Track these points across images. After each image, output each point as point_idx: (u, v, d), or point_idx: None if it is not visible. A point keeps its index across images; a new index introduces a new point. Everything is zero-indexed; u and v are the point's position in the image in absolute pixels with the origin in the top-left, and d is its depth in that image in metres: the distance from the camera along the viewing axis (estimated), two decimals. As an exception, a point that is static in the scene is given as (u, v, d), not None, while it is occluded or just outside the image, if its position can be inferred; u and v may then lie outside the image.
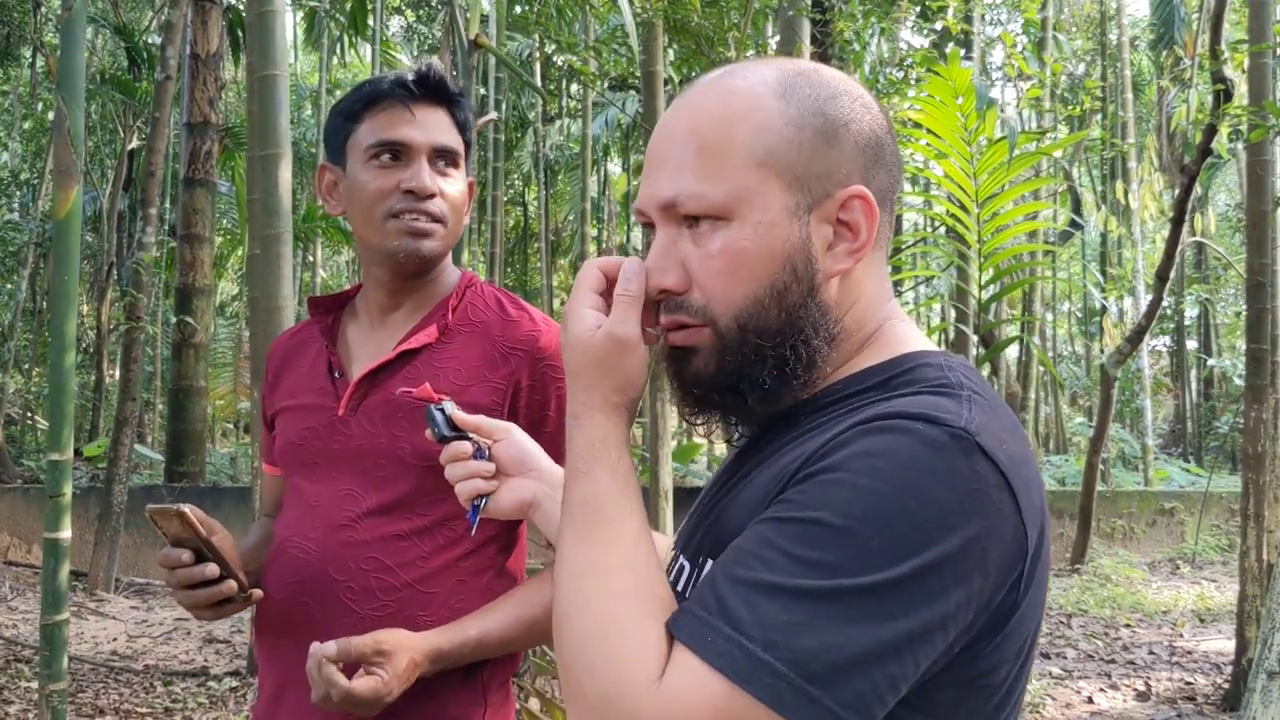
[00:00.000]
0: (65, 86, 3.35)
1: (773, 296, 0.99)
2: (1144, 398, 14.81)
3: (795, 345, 1.00)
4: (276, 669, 1.68)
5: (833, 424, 0.95)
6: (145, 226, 8.62)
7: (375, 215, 1.66)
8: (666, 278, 1.01)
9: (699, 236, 1.00)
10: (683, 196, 0.99)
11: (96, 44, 16.64)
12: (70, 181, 3.30)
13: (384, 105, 1.67)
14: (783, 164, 0.99)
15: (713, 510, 1.09)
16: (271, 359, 1.87)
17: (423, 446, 1.62)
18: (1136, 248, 13.44)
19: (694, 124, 1.01)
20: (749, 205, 0.98)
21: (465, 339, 1.71)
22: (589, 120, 13.05)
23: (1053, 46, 15.40)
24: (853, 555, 0.85)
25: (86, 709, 5.82)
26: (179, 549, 1.54)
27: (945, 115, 4.34)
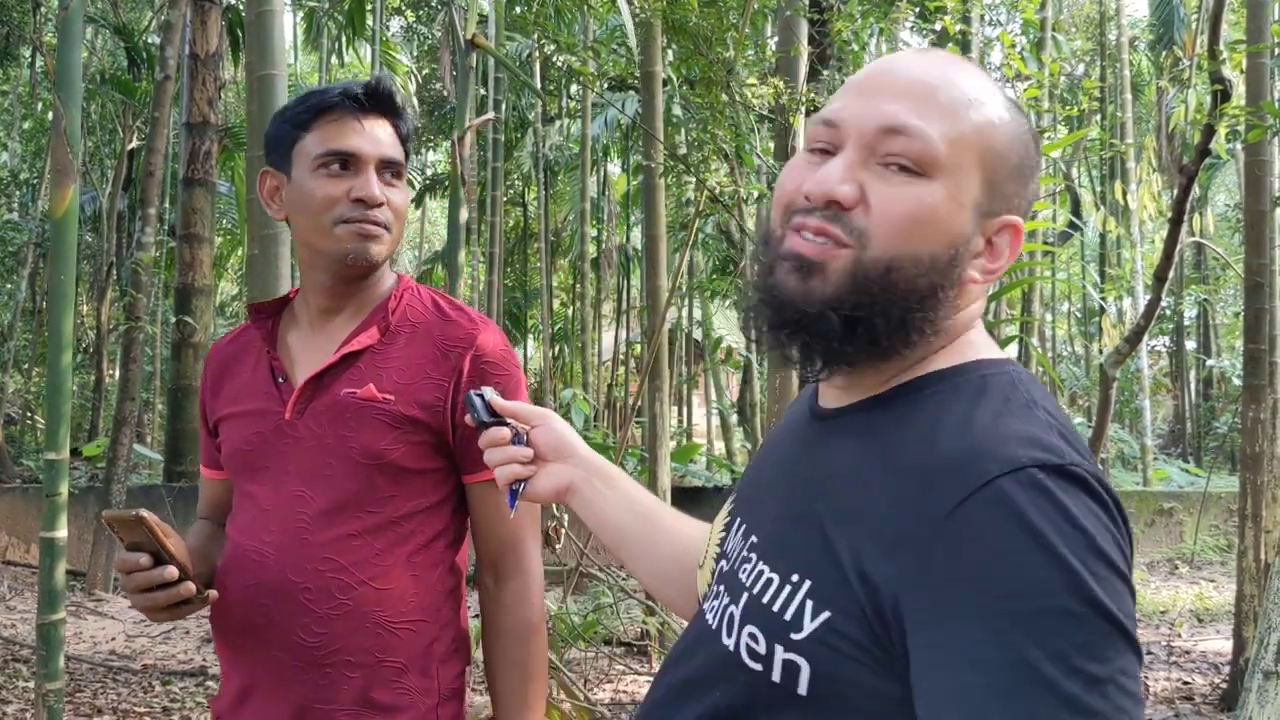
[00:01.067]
0: (62, 86, 3.35)
1: (924, 262, 1.00)
2: (1143, 398, 14.81)
3: (913, 314, 1.01)
4: (239, 670, 1.72)
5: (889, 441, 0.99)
6: (144, 226, 8.62)
7: (324, 221, 1.70)
8: (844, 189, 1.01)
9: (891, 177, 1.01)
10: (914, 130, 1.00)
11: (96, 44, 16.64)
12: (67, 181, 3.30)
13: (333, 115, 1.71)
14: (991, 165, 1.03)
15: (768, 471, 1.16)
16: (209, 366, 1.89)
17: (371, 446, 1.68)
18: (1135, 248, 13.44)
19: (943, 84, 1.03)
20: (953, 178, 1.01)
21: (406, 339, 1.75)
22: (588, 120, 13.04)
23: (1051, 47, 15.41)
24: None
25: (85, 708, 5.82)
26: (137, 553, 1.57)
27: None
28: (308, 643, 1.65)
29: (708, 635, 1.08)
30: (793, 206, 1.04)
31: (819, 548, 0.97)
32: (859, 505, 0.96)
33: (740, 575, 1.06)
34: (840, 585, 0.93)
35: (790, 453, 1.14)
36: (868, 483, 0.97)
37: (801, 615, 0.95)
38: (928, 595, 0.87)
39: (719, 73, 5.77)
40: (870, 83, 1.05)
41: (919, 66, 1.05)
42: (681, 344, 19.38)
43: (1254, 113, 6.11)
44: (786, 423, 1.23)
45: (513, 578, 1.79)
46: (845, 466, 1.02)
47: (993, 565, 0.85)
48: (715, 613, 1.08)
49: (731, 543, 1.13)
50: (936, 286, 1.01)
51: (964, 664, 0.84)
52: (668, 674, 1.14)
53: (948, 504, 0.88)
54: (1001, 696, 0.82)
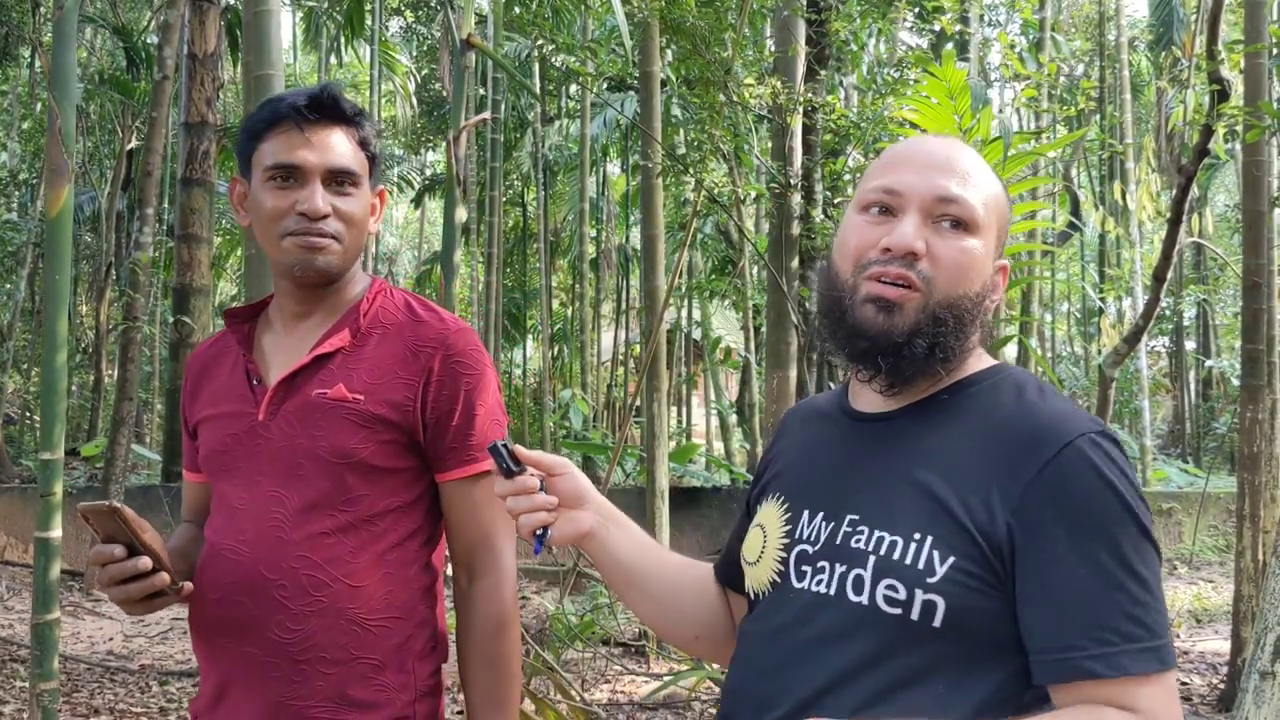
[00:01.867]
0: (57, 86, 3.34)
1: (972, 299, 1.34)
2: (1142, 398, 14.81)
3: (967, 336, 1.34)
4: (216, 668, 1.74)
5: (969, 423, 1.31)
6: (143, 226, 8.62)
7: (273, 233, 1.74)
8: (919, 243, 1.31)
9: (945, 233, 1.32)
10: (963, 199, 1.33)
11: (95, 44, 16.64)
12: (62, 181, 3.29)
13: (281, 127, 1.73)
14: (1001, 223, 1.39)
15: (830, 466, 1.39)
16: (190, 370, 1.92)
17: (341, 445, 1.71)
18: (1134, 248, 13.44)
19: (971, 165, 1.37)
20: (986, 234, 1.35)
21: (378, 341, 1.77)
22: (587, 120, 13.04)
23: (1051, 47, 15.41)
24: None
25: (82, 708, 5.82)
26: (111, 544, 1.59)
27: (940, 115, 4.34)
28: (283, 639, 1.67)
29: (825, 600, 1.30)
30: (865, 259, 1.34)
31: (931, 509, 1.25)
32: (963, 469, 1.26)
33: (853, 545, 1.29)
34: (959, 532, 1.23)
35: (848, 450, 1.39)
36: (965, 453, 1.27)
37: (932, 562, 1.22)
38: (1036, 526, 1.21)
39: (716, 73, 5.78)
40: (916, 160, 1.37)
41: (953, 150, 1.38)
42: (680, 344, 19.38)
43: (1252, 113, 6.12)
44: (815, 431, 1.48)
45: (485, 575, 1.80)
46: (937, 445, 1.30)
47: (1080, 502, 1.21)
48: (825, 583, 1.30)
49: (810, 530, 1.35)
50: (978, 314, 1.34)
51: (1069, 568, 1.19)
52: (776, 642, 1.33)
53: (1040, 462, 1.22)
54: (1095, 586, 1.19)
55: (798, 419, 1.57)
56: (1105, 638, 1.17)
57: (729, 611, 1.59)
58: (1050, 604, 1.19)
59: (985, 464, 1.25)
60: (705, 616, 1.58)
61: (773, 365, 6.42)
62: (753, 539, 1.44)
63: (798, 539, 1.36)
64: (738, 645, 1.43)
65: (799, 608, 1.32)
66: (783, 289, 6.32)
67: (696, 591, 1.58)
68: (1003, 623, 1.22)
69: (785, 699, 1.28)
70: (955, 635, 1.22)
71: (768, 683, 1.31)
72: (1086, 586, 1.18)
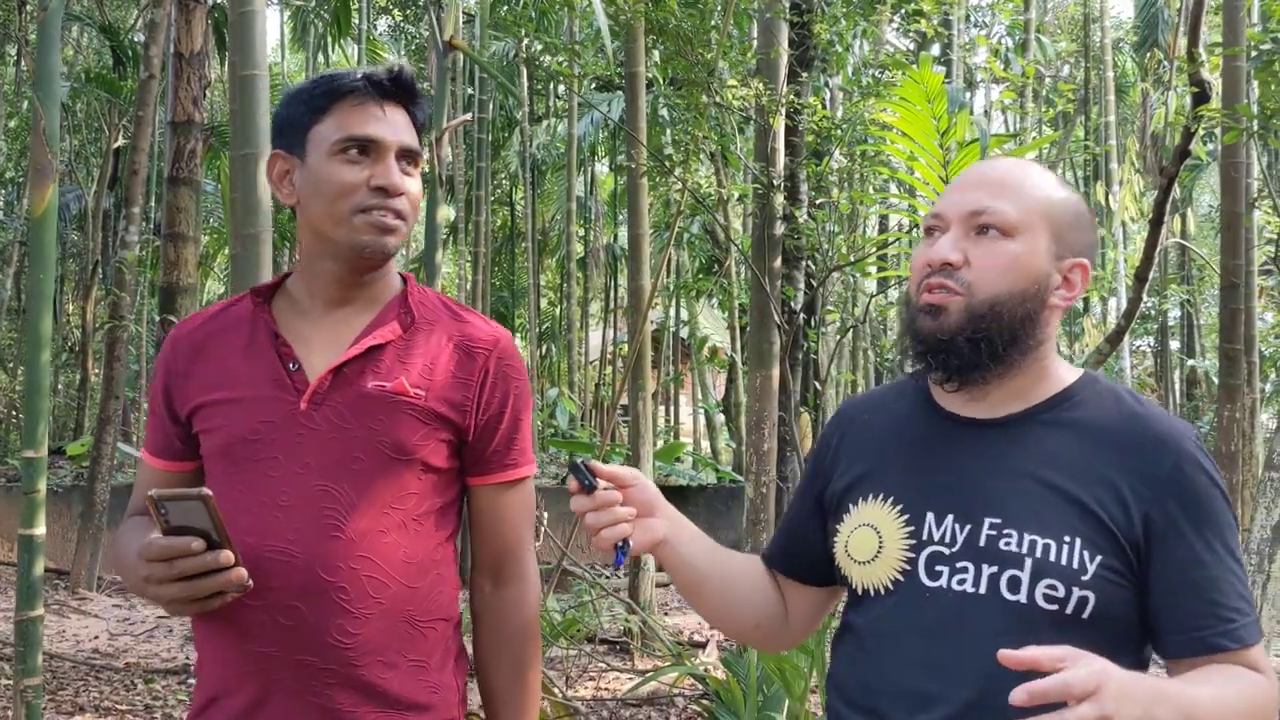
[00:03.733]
0: (41, 86, 3.38)
1: (1016, 296, 1.44)
2: (1126, 398, 14.88)
3: (1015, 333, 1.44)
4: (256, 679, 1.61)
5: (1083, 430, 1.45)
6: (128, 225, 8.63)
7: (341, 209, 1.65)
8: (954, 255, 1.46)
9: (985, 240, 1.46)
10: (992, 208, 1.46)
11: (82, 43, 16.62)
12: (46, 180, 3.33)
13: (354, 100, 1.66)
14: (1054, 223, 1.48)
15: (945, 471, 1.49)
16: (178, 347, 1.76)
17: (404, 440, 1.65)
18: (1118, 249, 13.51)
19: (1011, 175, 1.51)
20: (1027, 236, 1.46)
21: (425, 336, 1.72)
22: (574, 120, 13.08)
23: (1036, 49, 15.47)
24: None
25: (67, 706, 5.84)
26: (187, 537, 1.46)
27: (918, 118, 4.39)
28: (343, 644, 1.60)
29: (975, 599, 1.40)
30: (920, 277, 1.48)
31: (1074, 512, 1.39)
32: (1090, 472, 1.40)
33: (1002, 547, 1.40)
34: (1103, 532, 1.37)
35: (963, 454, 1.49)
36: (1089, 458, 1.41)
37: (1084, 562, 1.36)
38: (1168, 523, 1.38)
39: (700, 74, 5.81)
40: (961, 182, 1.53)
41: (994, 169, 1.53)
42: (668, 343, 19.42)
43: (1230, 115, 6.18)
44: (905, 432, 1.57)
45: (512, 582, 1.79)
46: (1058, 451, 1.43)
47: (1201, 500, 1.39)
48: (971, 583, 1.41)
49: (941, 532, 1.45)
50: (1032, 311, 1.44)
51: (1197, 558, 1.38)
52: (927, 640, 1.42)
53: (1166, 465, 1.39)
54: (1216, 574, 1.38)
55: (864, 415, 1.65)
56: (1228, 616, 1.37)
57: (783, 600, 1.68)
58: (1183, 591, 1.38)
59: (1110, 467, 1.41)
60: (763, 607, 1.67)
61: (755, 365, 6.46)
62: (864, 538, 1.51)
63: (926, 540, 1.46)
64: (859, 638, 1.50)
65: (944, 607, 1.42)
66: (765, 289, 6.36)
67: (754, 584, 1.67)
68: (1133, 610, 1.40)
69: (951, 694, 1.38)
70: (1101, 625, 1.37)
71: (926, 679, 1.40)
72: (1210, 574, 1.37)
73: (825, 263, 7.14)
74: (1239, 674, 1.37)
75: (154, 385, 1.78)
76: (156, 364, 1.79)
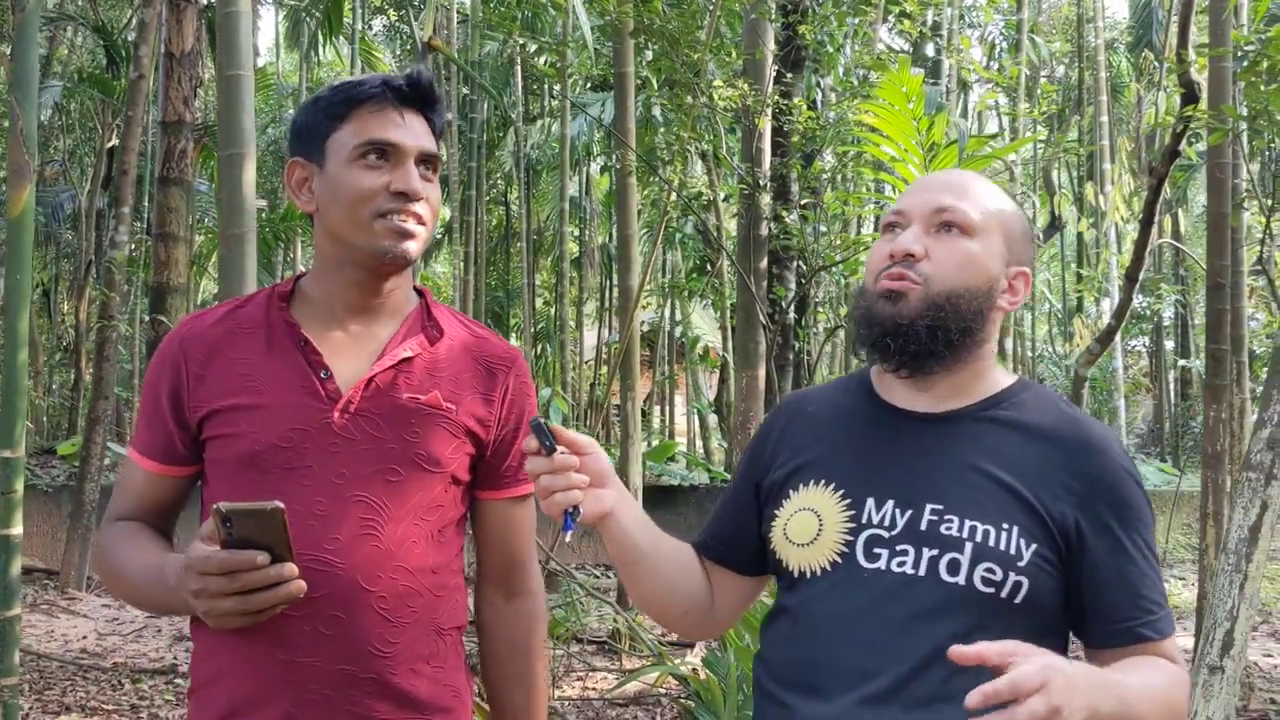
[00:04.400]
0: (19, 87, 3.40)
1: (971, 291, 1.53)
2: (1118, 398, 14.91)
3: (964, 325, 1.53)
4: (290, 690, 1.61)
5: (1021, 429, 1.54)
6: (118, 226, 8.63)
7: (362, 215, 1.65)
8: (916, 247, 1.54)
9: (944, 236, 1.55)
10: (955, 206, 1.56)
11: (75, 42, 16.61)
12: (24, 181, 3.35)
13: (373, 105, 1.67)
14: (1007, 232, 1.59)
15: (889, 460, 1.55)
16: (188, 348, 1.71)
17: (438, 453, 1.68)
18: (1110, 249, 13.54)
19: (970, 183, 1.62)
20: (984, 237, 1.56)
21: (447, 350, 1.75)
22: (567, 120, 13.10)
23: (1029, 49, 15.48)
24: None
25: (53, 706, 5.85)
26: (251, 551, 1.43)
27: (898, 119, 4.40)
28: (383, 653, 1.62)
29: (915, 580, 1.46)
30: (880, 268, 1.56)
31: (1014, 502, 1.47)
32: (1029, 467, 1.49)
33: (944, 531, 1.47)
34: (1037, 523, 1.46)
35: (907, 446, 1.56)
36: (1027, 454, 1.50)
37: (1020, 549, 1.45)
38: (1098, 517, 1.47)
39: (686, 75, 5.82)
40: (923, 184, 1.63)
41: (953, 175, 1.66)
42: (663, 343, 19.42)
43: (1215, 116, 6.18)
44: (849, 423, 1.63)
45: (523, 594, 1.84)
46: (998, 446, 1.52)
47: (1126, 500, 1.49)
48: (910, 565, 1.47)
49: (881, 516, 1.51)
50: (982, 309, 1.54)
51: (1127, 551, 1.48)
52: (866, 619, 1.47)
53: (1096, 466, 1.49)
54: (1144, 564, 1.48)
55: (808, 408, 1.70)
56: (1150, 609, 1.47)
57: (710, 588, 1.71)
58: (1113, 585, 1.47)
59: (1046, 463, 1.50)
60: (694, 594, 1.69)
61: (742, 365, 6.48)
62: (803, 521, 1.56)
63: (866, 524, 1.52)
64: (794, 619, 1.54)
65: (883, 587, 1.48)
66: (750, 289, 6.37)
67: (686, 571, 1.69)
68: (1060, 598, 1.48)
69: (887, 670, 1.43)
70: (1031, 610, 1.46)
71: (865, 656, 1.45)
72: (1137, 570, 1.47)
73: (814, 263, 7.16)
74: (1159, 664, 1.46)
75: (153, 385, 1.71)
76: (157, 363, 1.72)
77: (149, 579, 1.62)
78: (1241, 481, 4.05)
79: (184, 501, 1.79)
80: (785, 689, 1.51)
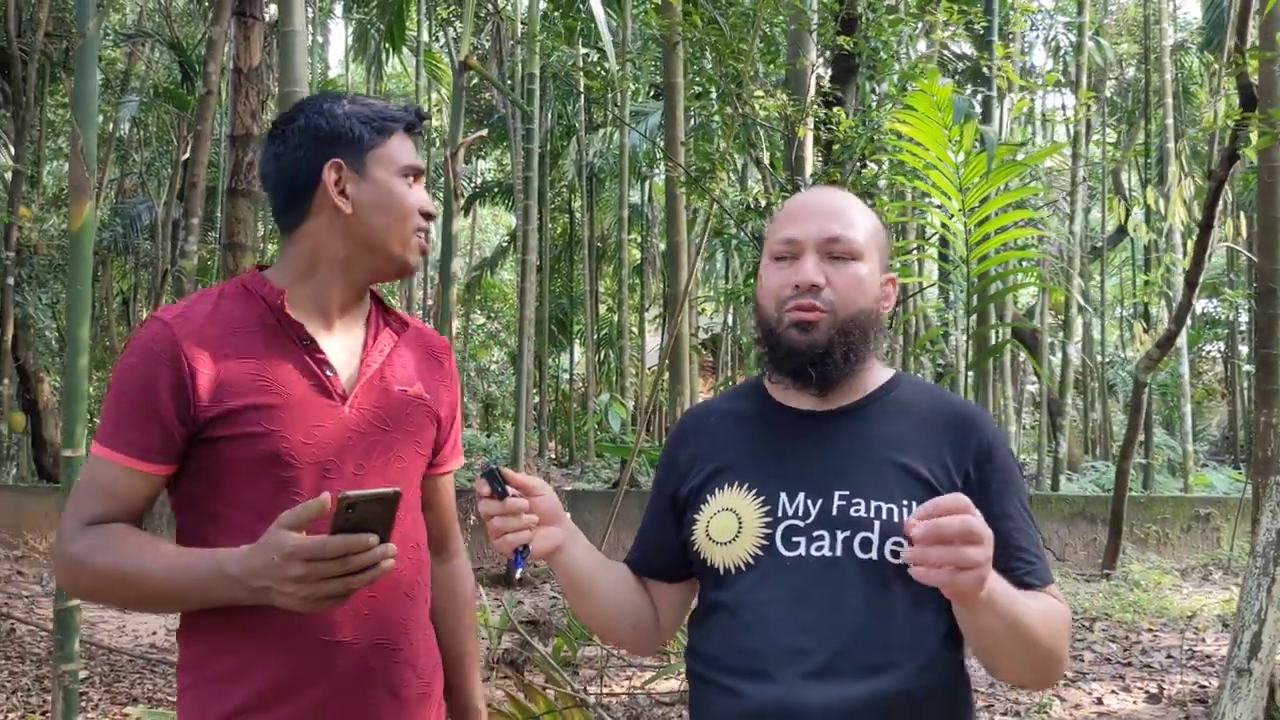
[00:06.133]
0: (79, 108, 3.60)
1: (867, 310, 1.69)
2: (1185, 403, 14.68)
3: (871, 340, 1.69)
4: (332, 672, 1.70)
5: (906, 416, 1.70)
6: (188, 236, 8.95)
7: (407, 229, 1.78)
8: (819, 278, 1.66)
9: (839, 264, 1.68)
10: (844, 237, 1.69)
11: (151, 58, 17.15)
12: (84, 196, 3.54)
13: (406, 131, 1.82)
14: (879, 247, 1.74)
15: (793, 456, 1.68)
16: (185, 345, 1.68)
17: (424, 437, 1.86)
18: (1174, 253, 13.35)
19: (848, 208, 1.74)
20: (869, 259, 1.70)
21: (407, 342, 1.88)
22: (625, 130, 13.25)
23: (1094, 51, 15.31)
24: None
25: (121, 698, 6.10)
26: (362, 534, 1.51)
27: (929, 128, 4.47)
28: (406, 624, 1.80)
29: (833, 562, 1.59)
30: (782, 296, 1.67)
31: (911, 479, 1.61)
32: (919, 447, 1.65)
33: (853, 514, 1.60)
34: (931, 495, 1.50)
35: (808, 442, 1.69)
36: (915, 436, 1.66)
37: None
38: (979, 482, 1.63)
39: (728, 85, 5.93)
40: (805, 213, 1.73)
41: (831, 200, 1.76)
42: (726, 348, 19.49)
43: (1265, 119, 6.15)
44: (751, 428, 1.76)
45: (455, 554, 2.03)
46: (888, 433, 1.67)
47: (1004, 466, 1.67)
48: (827, 548, 1.60)
49: (794, 508, 1.64)
50: (876, 322, 1.71)
51: (1006, 509, 1.63)
52: (792, 603, 1.59)
53: (976, 439, 1.67)
54: (1020, 521, 1.66)
55: (710, 419, 1.84)
56: (1030, 560, 1.63)
57: (652, 602, 1.82)
58: (996, 539, 1.51)
59: (932, 441, 1.66)
60: (638, 611, 1.79)
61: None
62: (723, 521, 1.67)
63: (781, 516, 1.63)
64: (730, 612, 1.63)
65: (806, 571, 1.60)
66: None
67: (629, 590, 1.80)
68: None
69: (823, 645, 1.56)
70: None
71: (799, 636, 1.57)
72: (1016, 526, 1.64)
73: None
74: (1042, 596, 1.63)
75: (146, 382, 1.66)
76: (146, 360, 1.67)
77: (184, 575, 1.61)
78: (1270, 486, 4.05)
79: (156, 500, 1.77)
80: (734, 677, 1.60)
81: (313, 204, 1.76)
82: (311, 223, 1.77)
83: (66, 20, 13.84)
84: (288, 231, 1.80)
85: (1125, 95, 21.50)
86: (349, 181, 1.75)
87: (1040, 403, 15.88)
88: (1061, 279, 13.79)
